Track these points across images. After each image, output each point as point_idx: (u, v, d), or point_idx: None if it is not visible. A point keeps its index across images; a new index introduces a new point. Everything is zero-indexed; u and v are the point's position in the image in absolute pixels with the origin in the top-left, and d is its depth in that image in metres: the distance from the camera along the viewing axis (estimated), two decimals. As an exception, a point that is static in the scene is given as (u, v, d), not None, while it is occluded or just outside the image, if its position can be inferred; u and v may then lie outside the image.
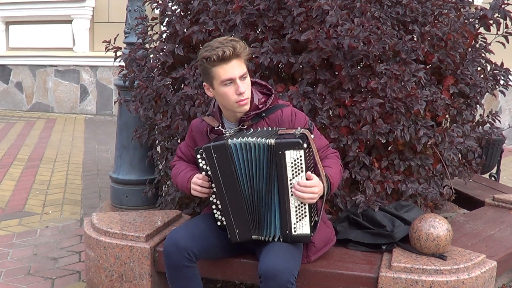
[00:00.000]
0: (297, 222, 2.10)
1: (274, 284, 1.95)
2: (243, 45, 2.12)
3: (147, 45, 3.25)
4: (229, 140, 2.10)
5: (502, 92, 3.20)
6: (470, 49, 3.09)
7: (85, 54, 8.57)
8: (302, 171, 2.04)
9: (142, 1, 3.37)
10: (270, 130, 2.16)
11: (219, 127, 2.23)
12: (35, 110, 8.77)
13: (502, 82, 3.19)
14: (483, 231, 2.78)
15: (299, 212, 2.09)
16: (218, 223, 2.22)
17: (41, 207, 4.13)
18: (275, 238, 2.15)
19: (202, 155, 2.16)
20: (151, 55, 3.21)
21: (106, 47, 3.23)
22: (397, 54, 2.72)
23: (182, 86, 2.99)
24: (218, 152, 2.10)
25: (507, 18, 3.00)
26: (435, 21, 2.88)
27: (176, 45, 2.96)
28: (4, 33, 9.09)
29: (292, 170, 2.04)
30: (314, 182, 2.06)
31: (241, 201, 2.14)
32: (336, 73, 2.72)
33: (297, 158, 2.02)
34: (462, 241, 2.60)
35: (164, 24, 3.16)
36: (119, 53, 3.27)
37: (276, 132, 2.11)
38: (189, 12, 3.07)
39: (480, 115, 3.24)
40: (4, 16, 8.92)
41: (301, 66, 2.68)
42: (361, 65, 2.75)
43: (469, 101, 3.03)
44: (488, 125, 3.23)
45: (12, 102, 8.95)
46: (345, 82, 2.65)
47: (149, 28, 3.25)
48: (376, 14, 2.69)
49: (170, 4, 3.11)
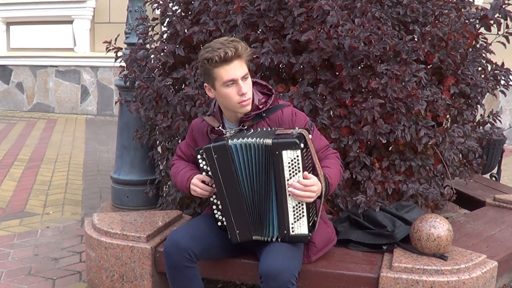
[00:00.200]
0: (295, 222, 2.10)
1: (275, 284, 1.95)
2: (244, 46, 2.12)
3: (147, 46, 3.25)
4: (230, 140, 2.10)
5: (502, 92, 3.20)
6: (470, 49, 3.09)
7: (85, 55, 8.57)
8: (299, 171, 2.04)
9: (143, 2, 3.37)
10: (269, 131, 2.16)
11: (220, 127, 2.23)
12: (35, 110, 8.78)
13: (502, 82, 3.19)
14: (484, 231, 2.78)
15: (297, 212, 2.09)
16: (219, 223, 2.23)
17: (42, 208, 4.13)
18: (274, 239, 2.15)
19: (203, 156, 2.16)
20: (152, 56, 3.22)
21: (106, 48, 3.23)
22: (397, 54, 2.72)
23: (182, 87, 2.99)
24: (218, 153, 2.10)
25: (508, 18, 3.00)
26: (436, 21, 2.88)
27: (177, 46, 2.96)
28: (5, 34, 9.10)
29: (289, 170, 2.04)
30: (312, 181, 2.05)
31: (242, 202, 2.14)
32: (337, 73, 2.72)
33: (294, 158, 2.02)
34: (463, 241, 2.59)
35: (164, 24, 3.16)
36: (119, 54, 3.27)
37: (274, 132, 2.11)
38: (189, 13, 3.08)
39: (481, 115, 3.24)
40: (5, 16, 8.93)
41: (301, 66, 2.68)
42: (362, 66, 2.75)
43: (469, 101, 3.03)
44: (488, 125, 3.23)
45: (13, 102, 8.95)
46: (346, 82, 2.65)
47: (150, 29, 3.26)
48: (377, 14, 2.69)
49: (170, 5, 3.11)
